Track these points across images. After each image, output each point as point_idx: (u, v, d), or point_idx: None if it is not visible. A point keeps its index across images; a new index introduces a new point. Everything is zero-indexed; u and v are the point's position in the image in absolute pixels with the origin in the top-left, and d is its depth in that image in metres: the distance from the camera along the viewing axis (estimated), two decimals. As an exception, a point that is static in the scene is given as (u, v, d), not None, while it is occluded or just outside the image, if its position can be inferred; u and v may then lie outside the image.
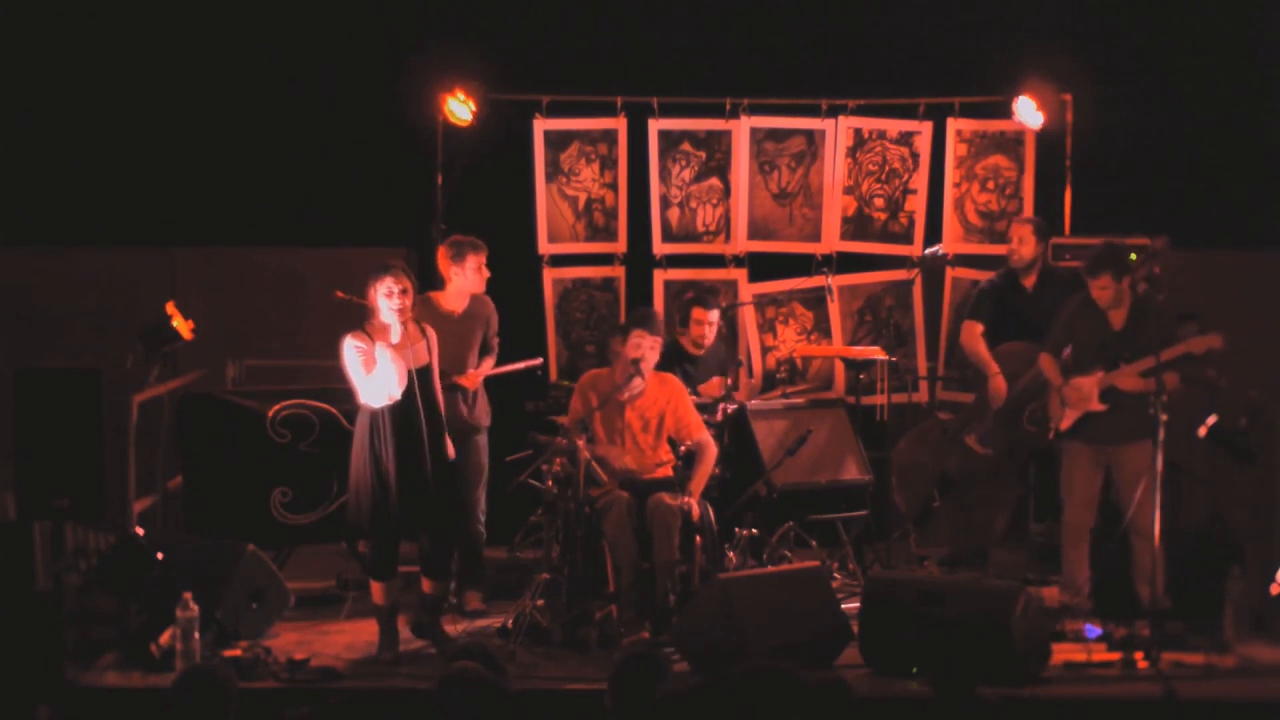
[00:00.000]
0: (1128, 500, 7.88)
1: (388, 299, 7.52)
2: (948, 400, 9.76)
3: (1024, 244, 9.00)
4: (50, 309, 10.18)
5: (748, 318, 9.90)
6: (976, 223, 9.86)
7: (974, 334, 9.05)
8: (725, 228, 9.92)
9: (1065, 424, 8.12)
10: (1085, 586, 8.11)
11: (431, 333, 7.72)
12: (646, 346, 8.10)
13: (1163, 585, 7.86)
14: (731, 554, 8.30)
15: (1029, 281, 9.06)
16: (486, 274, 8.46)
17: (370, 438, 7.52)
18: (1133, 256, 9.21)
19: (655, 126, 9.83)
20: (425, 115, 9.59)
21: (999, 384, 8.87)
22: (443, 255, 8.42)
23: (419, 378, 7.56)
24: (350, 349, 7.51)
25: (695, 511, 7.91)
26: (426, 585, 7.74)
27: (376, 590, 7.69)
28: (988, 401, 8.94)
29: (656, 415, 8.17)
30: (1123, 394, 7.93)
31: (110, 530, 8.06)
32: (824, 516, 8.99)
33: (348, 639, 7.84)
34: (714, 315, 9.10)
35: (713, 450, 8.24)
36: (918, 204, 9.85)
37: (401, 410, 7.52)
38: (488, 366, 8.56)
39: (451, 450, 7.73)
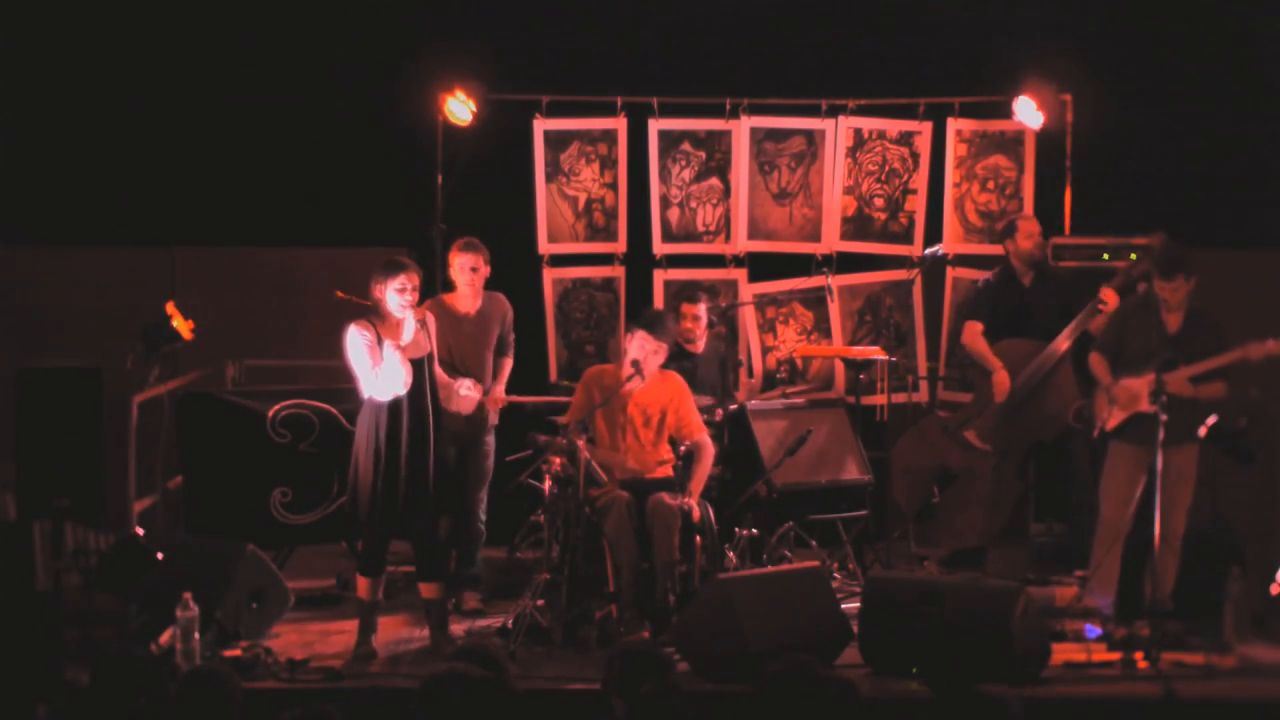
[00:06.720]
0: (1164, 503, 7.72)
1: (399, 294, 7.50)
2: (948, 400, 9.76)
3: (1031, 239, 8.99)
4: (50, 309, 10.18)
5: (748, 318, 9.90)
6: (976, 223, 9.86)
7: (975, 333, 9.04)
8: (725, 228, 9.92)
9: (1112, 424, 8.05)
10: (1113, 593, 8.04)
11: (430, 318, 7.73)
12: (649, 350, 8.09)
13: (1171, 588, 7.87)
14: (731, 554, 8.29)
15: (1027, 279, 9.06)
16: (482, 272, 8.45)
17: (375, 430, 7.52)
18: (1132, 256, 9.24)
19: (655, 126, 9.83)
20: (425, 115, 9.59)
21: (1002, 379, 8.86)
22: (449, 258, 8.50)
23: (425, 367, 7.57)
24: (355, 338, 7.48)
25: (695, 513, 7.91)
26: (426, 590, 7.74)
27: (363, 585, 7.69)
28: (989, 397, 8.94)
29: (658, 412, 8.17)
30: (1173, 397, 7.74)
31: (110, 530, 8.06)
32: (824, 516, 8.99)
33: (347, 639, 7.83)
34: (699, 309, 9.07)
35: (711, 451, 8.23)
36: (918, 204, 9.85)
37: (411, 405, 7.52)
38: (506, 373, 8.57)
39: None
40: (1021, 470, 9.03)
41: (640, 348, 8.08)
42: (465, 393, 7.97)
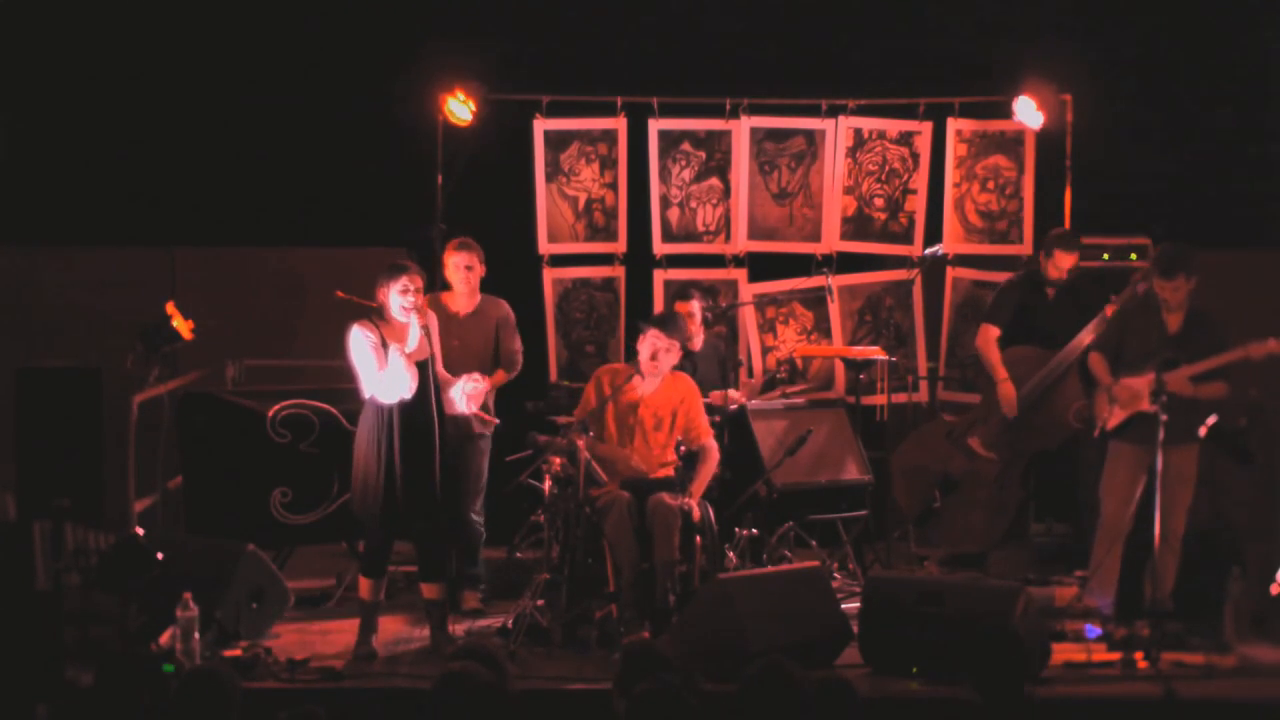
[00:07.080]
0: (1164, 503, 7.71)
1: (402, 296, 7.50)
2: (948, 400, 9.76)
3: (1060, 272, 8.89)
4: (50, 309, 10.18)
5: (748, 318, 9.90)
6: (976, 223, 9.85)
7: (989, 338, 8.95)
8: (725, 228, 9.92)
9: (1113, 423, 8.03)
10: (1113, 593, 8.04)
11: (433, 317, 7.73)
12: (662, 348, 8.08)
13: (1171, 588, 7.87)
14: (731, 554, 8.29)
15: (1052, 291, 8.97)
16: (477, 271, 8.46)
17: (377, 431, 7.51)
18: (1133, 256, 9.23)
19: (655, 126, 9.83)
20: (425, 115, 9.58)
21: (1008, 390, 8.81)
22: (444, 258, 8.50)
23: (428, 369, 7.57)
24: (359, 338, 7.48)
25: (695, 513, 7.91)
26: (426, 590, 7.73)
27: (365, 586, 7.70)
28: (994, 405, 8.92)
29: (669, 413, 8.16)
30: (1173, 396, 7.69)
31: (110, 530, 8.06)
32: (824, 516, 8.99)
33: (347, 639, 7.83)
34: (692, 306, 9.06)
35: (716, 455, 8.23)
36: (918, 204, 9.85)
37: (413, 409, 7.52)
38: (497, 380, 8.52)
39: None
40: (1024, 477, 9.01)
41: (652, 345, 8.07)
42: (473, 387, 7.88)
